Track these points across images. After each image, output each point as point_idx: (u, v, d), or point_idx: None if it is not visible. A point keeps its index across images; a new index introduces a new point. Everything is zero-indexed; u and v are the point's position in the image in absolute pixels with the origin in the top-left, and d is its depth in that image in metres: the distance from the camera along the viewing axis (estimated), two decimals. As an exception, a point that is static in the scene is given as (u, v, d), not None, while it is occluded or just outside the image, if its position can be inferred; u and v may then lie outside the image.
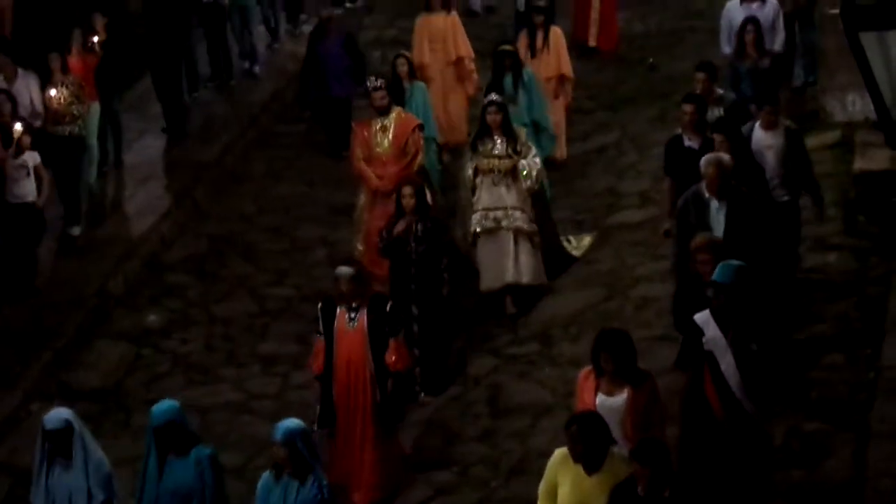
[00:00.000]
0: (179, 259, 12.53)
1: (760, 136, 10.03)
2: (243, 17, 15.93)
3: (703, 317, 7.68)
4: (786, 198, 9.98)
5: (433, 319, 10.14)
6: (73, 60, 12.82)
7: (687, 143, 10.17)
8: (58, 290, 11.68)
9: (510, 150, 10.89)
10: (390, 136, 11.36)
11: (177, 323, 11.55)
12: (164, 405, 7.56)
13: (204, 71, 15.66)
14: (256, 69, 16.09)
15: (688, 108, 10.23)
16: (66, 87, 12.34)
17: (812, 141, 12.00)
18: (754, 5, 12.67)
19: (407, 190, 10.18)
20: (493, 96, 11.25)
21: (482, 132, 11.00)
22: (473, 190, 10.97)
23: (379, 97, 11.39)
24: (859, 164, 11.49)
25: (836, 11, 13.97)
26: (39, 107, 12.30)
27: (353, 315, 8.84)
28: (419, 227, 10.11)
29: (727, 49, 12.70)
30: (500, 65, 12.58)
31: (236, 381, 10.71)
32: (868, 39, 5.56)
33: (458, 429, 9.77)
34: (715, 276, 7.70)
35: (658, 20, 17.48)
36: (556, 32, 13.70)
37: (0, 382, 10.45)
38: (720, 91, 11.15)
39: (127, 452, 9.17)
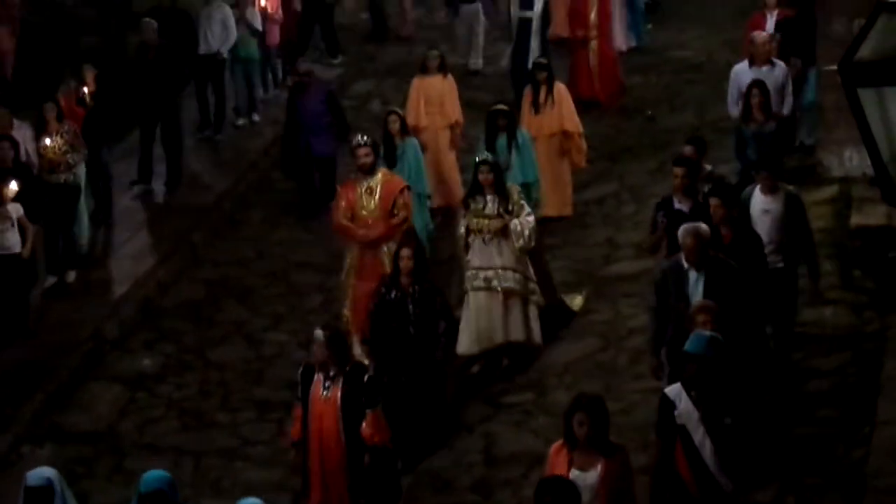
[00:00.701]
0: (175, 304, 12.51)
1: (759, 201, 9.88)
2: (247, 70, 15.80)
3: (674, 389, 7.52)
4: (781, 264, 9.78)
5: (428, 383, 9.91)
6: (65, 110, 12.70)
7: (677, 205, 10.02)
8: (52, 333, 11.66)
9: (502, 210, 10.70)
10: (377, 197, 10.94)
11: (171, 367, 11.52)
12: (157, 473, 7.33)
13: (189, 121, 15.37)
14: (256, 117, 15.96)
15: (678, 171, 10.06)
16: (62, 135, 12.30)
17: (810, 196, 12.07)
18: (764, 68, 12.43)
19: (405, 252, 9.92)
20: (486, 155, 11.10)
21: (474, 191, 10.84)
22: (466, 248, 10.81)
23: (363, 154, 10.96)
24: (856, 219, 11.53)
25: (835, 67, 14.09)
26: (34, 157, 12.22)
27: (328, 384, 8.49)
28: (416, 289, 9.87)
29: (734, 111, 12.44)
30: (493, 125, 12.36)
31: (230, 427, 10.67)
32: (866, 96, 5.57)
33: (451, 477, 9.73)
34: (687, 345, 7.55)
35: (657, 72, 17.57)
36: (561, 88, 13.56)
37: (-8, 424, 10.41)
38: (708, 167, 10.88)
39: (118, 496, 9.12)
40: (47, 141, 12.25)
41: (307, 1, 17.46)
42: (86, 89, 13.13)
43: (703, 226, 8.89)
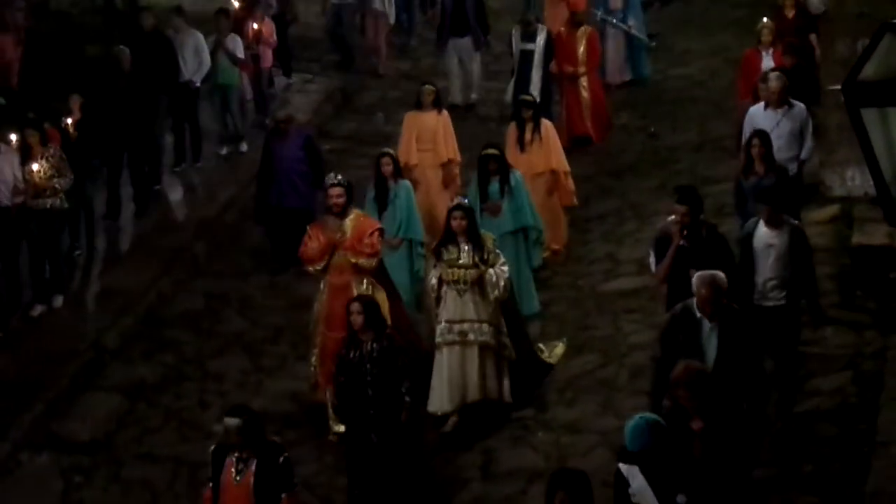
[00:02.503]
0: (176, 314, 12.51)
1: (763, 235, 9.46)
2: (224, 98, 15.20)
3: (627, 467, 7.26)
4: (783, 301, 9.40)
5: (393, 448, 9.23)
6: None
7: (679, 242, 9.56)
8: (52, 342, 11.67)
9: (477, 259, 10.10)
10: (347, 240, 10.35)
11: (171, 378, 11.51)
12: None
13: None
14: (244, 147, 15.26)
15: (681, 209, 9.55)
16: (48, 159, 12.00)
17: (811, 215, 12.08)
18: (780, 110, 11.63)
19: (354, 306, 9.24)
20: (460, 200, 10.52)
21: (447, 239, 10.22)
22: (437, 300, 10.19)
23: (335, 195, 10.34)
24: (857, 238, 11.53)
25: (838, 87, 14.11)
26: (21, 183, 11.87)
27: (240, 467, 7.92)
28: (374, 347, 9.17)
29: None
30: (484, 170, 11.80)
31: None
32: (869, 116, 5.59)
33: (450, 493, 9.70)
34: (626, 442, 7.23)
35: (660, 89, 17.60)
36: (547, 126, 12.93)
37: (-9, 432, 10.41)
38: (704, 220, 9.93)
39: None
40: (34, 166, 11.91)
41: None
42: (69, 119, 12.72)
43: (720, 274, 8.41)
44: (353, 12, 17.99)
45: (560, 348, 11.18)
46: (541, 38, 15.40)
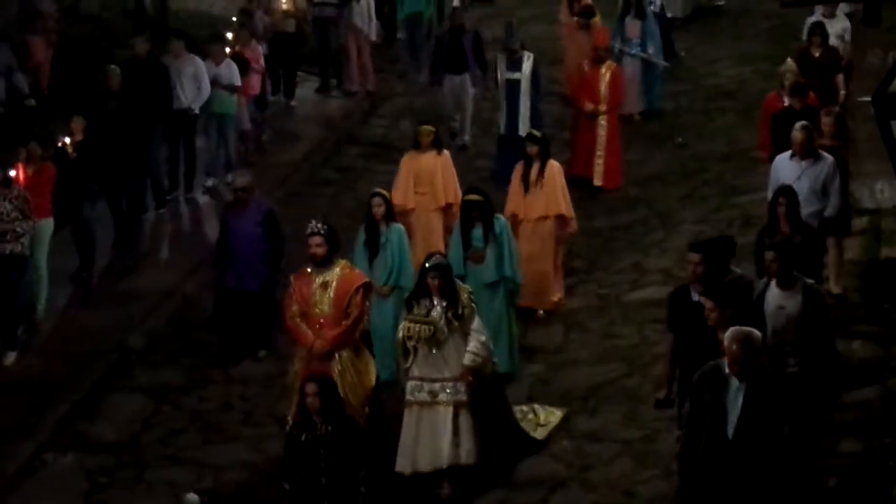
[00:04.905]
0: (203, 317, 12.54)
1: (774, 296, 8.82)
2: (221, 126, 14.69)
3: None
4: (795, 369, 8.73)
5: None
6: (25, 173, 11.58)
7: (695, 297, 8.89)
8: (78, 343, 11.72)
9: (450, 315, 9.46)
10: (331, 294, 9.68)
11: (196, 381, 11.54)
12: None
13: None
14: (230, 178, 14.03)
15: (694, 257, 8.94)
16: (10, 201, 11.14)
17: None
18: (804, 162, 10.82)
19: (310, 387, 8.52)
20: (436, 259, 9.71)
21: (419, 293, 9.62)
22: (405, 356, 9.55)
23: (315, 244, 9.70)
24: (886, 251, 11.47)
25: (868, 99, 14.08)
26: None
27: None
28: (328, 430, 8.48)
29: None
30: (467, 217, 11.06)
31: (253, 441, 10.67)
32: (899, 128, 5.58)
33: (471, 501, 9.68)
34: None
35: (688, 99, 17.57)
36: (554, 167, 12.13)
37: (16, 432, 10.44)
38: (738, 271, 9.42)
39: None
40: None
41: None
42: (68, 139, 12.29)
43: (755, 332, 7.79)
44: (335, 26, 17.36)
45: (558, 415, 10.35)
46: (527, 67, 14.66)
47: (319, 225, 9.83)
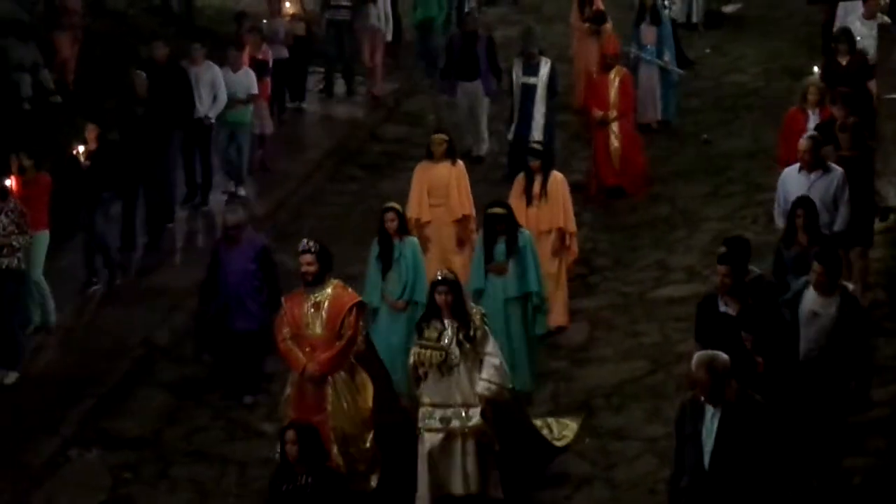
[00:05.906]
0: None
1: (810, 301, 8.66)
2: (233, 135, 14.35)
3: None
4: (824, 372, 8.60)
5: None
6: (20, 184, 11.40)
7: (723, 308, 8.79)
8: (102, 338, 11.76)
9: (461, 336, 9.04)
10: (323, 315, 9.25)
11: (219, 377, 11.55)
12: None
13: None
14: (241, 192, 14.43)
15: (722, 269, 8.77)
16: (6, 214, 10.91)
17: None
18: (813, 174, 10.66)
19: (289, 435, 8.15)
20: (444, 274, 9.27)
21: (430, 314, 9.16)
22: (417, 382, 9.19)
23: (305, 262, 9.26)
24: (912, 249, 11.41)
25: (894, 96, 13.99)
26: None
27: None
28: (309, 481, 8.09)
29: (781, 222, 10.56)
30: (491, 230, 10.79)
31: (276, 438, 10.66)
32: (925, 125, 5.55)
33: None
34: None
35: (714, 96, 17.50)
36: (557, 179, 11.78)
37: (40, 427, 10.48)
38: (756, 271, 9.40)
39: (163, 503, 9.14)
40: None
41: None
42: (82, 147, 12.08)
43: (721, 356, 7.51)
44: (348, 28, 17.10)
45: (573, 427, 10.14)
46: (544, 71, 14.35)
47: (311, 243, 9.38)
